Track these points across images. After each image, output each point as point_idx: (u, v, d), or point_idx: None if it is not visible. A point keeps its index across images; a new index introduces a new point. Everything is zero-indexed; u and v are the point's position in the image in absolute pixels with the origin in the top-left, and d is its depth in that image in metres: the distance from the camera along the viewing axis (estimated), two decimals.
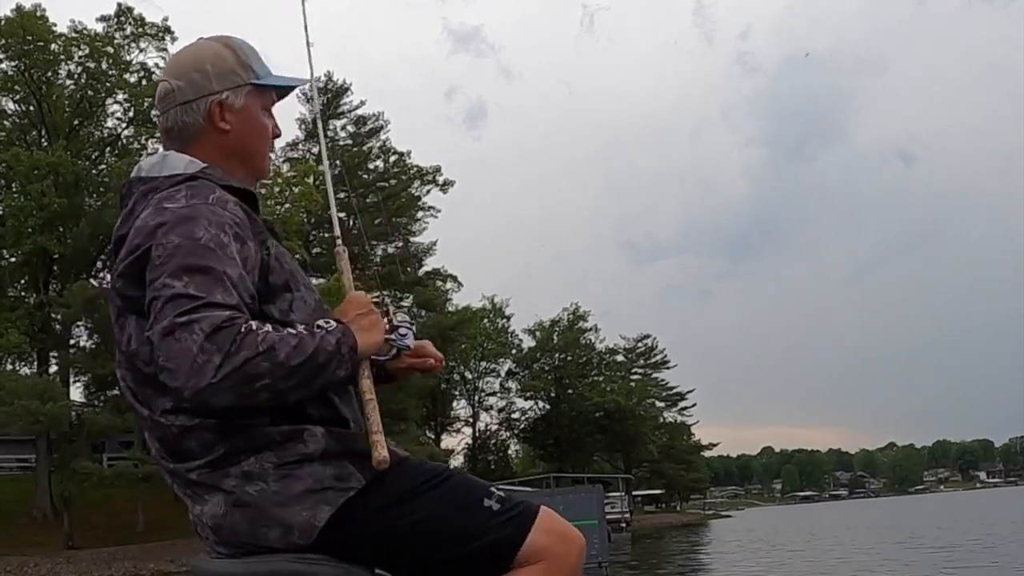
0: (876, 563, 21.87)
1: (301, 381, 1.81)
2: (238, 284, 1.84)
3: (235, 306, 1.80)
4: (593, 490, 23.79)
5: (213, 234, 1.86)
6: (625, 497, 68.41)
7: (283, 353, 1.77)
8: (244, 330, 1.75)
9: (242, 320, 1.77)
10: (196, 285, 1.79)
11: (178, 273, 1.80)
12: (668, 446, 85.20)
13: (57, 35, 45.60)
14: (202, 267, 1.81)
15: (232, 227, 1.90)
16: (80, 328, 45.24)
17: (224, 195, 1.96)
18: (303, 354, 1.80)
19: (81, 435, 41.33)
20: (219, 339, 1.73)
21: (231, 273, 1.84)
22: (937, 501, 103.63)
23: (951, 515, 50.80)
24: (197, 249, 1.83)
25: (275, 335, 1.79)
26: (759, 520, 79.21)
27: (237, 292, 1.82)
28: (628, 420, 75.22)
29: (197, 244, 1.84)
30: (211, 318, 1.74)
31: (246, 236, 1.93)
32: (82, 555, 37.40)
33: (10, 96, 46.60)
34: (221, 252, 1.85)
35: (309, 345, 1.82)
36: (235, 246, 1.88)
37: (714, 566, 27.06)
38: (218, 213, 1.91)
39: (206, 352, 1.72)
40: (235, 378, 1.73)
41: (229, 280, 1.82)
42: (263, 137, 2.16)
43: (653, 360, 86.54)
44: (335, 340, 1.86)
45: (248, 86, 2.11)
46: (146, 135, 49.49)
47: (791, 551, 28.89)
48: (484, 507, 1.96)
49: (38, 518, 42.19)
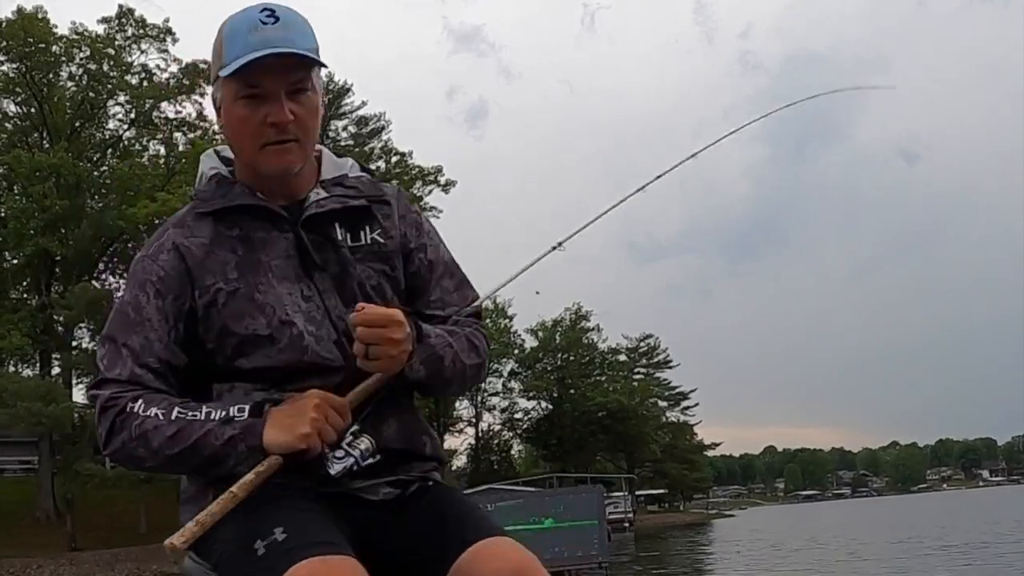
0: (879, 562, 21.85)
1: (190, 468, 1.83)
2: (140, 353, 1.86)
3: (126, 381, 1.85)
4: (593, 490, 23.75)
5: (132, 296, 1.92)
6: (628, 497, 68.37)
7: (156, 442, 1.78)
8: (126, 411, 1.81)
9: (125, 400, 1.82)
10: (104, 356, 1.90)
11: (101, 340, 1.94)
12: (671, 446, 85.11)
13: (58, 37, 45.60)
14: (111, 336, 1.90)
15: (154, 284, 1.90)
16: (82, 330, 45.29)
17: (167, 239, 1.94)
18: (180, 445, 1.78)
19: (84, 437, 41.28)
20: (104, 419, 1.84)
21: (132, 343, 1.87)
22: (940, 500, 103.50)
23: (954, 514, 50.74)
24: (116, 315, 1.93)
25: (152, 422, 1.78)
26: (762, 520, 79.18)
27: (137, 361, 1.86)
28: (631, 420, 75.16)
29: (118, 309, 1.93)
30: (101, 397, 1.84)
31: (169, 290, 1.90)
32: (85, 556, 37.40)
33: (11, 98, 46.61)
34: (134, 315, 1.89)
35: (189, 436, 1.78)
36: (155, 303, 1.89)
37: (716, 566, 27.03)
38: (145, 269, 1.93)
39: (101, 427, 1.85)
40: (121, 456, 1.84)
41: (129, 351, 1.86)
42: (243, 131, 1.92)
43: (655, 360, 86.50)
44: (228, 436, 1.76)
45: (218, 79, 1.95)
46: (147, 136, 49.60)
47: (793, 550, 28.87)
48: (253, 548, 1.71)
49: (41, 519, 42.22)
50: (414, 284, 2.07)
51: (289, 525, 1.73)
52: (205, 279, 1.90)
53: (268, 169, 1.93)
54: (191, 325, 1.90)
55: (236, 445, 1.76)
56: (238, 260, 1.92)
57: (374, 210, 2.04)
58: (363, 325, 1.78)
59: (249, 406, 1.80)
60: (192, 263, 1.91)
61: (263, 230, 1.95)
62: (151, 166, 47.46)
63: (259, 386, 1.89)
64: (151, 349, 1.87)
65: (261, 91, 1.88)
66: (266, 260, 1.92)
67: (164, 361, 1.88)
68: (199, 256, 1.91)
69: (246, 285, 1.90)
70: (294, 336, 1.87)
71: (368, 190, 2.06)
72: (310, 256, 1.95)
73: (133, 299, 1.90)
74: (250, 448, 1.76)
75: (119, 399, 1.82)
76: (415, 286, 2.07)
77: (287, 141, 1.91)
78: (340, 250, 1.98)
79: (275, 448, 1.75)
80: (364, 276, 1.97)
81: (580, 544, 19.39)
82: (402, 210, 2.09)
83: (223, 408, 1.80)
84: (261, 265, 1.92)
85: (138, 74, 47.73)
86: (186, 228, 1.95)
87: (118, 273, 49.02)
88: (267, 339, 1.87)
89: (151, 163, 48.17)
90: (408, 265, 2.06)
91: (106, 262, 48.62)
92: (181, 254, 1.92)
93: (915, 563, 20.56)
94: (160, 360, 1.87)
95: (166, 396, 1.85)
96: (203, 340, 1.90)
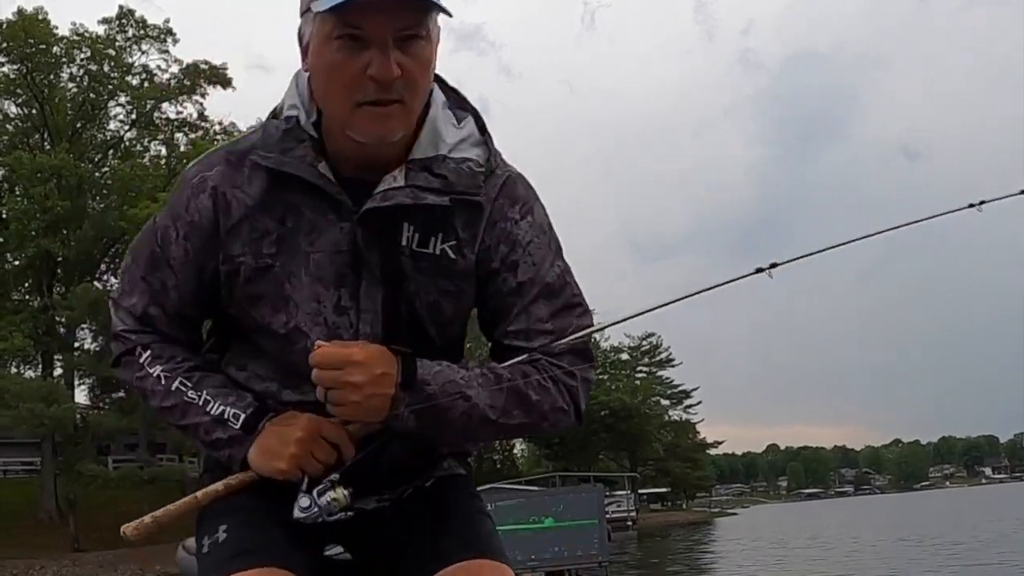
0: (884, 560, 21.83)
1: (178, 429, 1.78)
2: (157, 293, 1.75)
3: (137, 318, 1.77)
4: (593, 490, 23.75)
5: (165, 223, 1.73)
6: (631, 495, 68.37)
7: (151, 402, 1.75)
8: (134, 354, 1.77)
9: (133, 343, 1.77)
10: (124, 274, 1.81)
11: (130, 251, 1.83)
12: (673, 444, 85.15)
13: (59, 38, 45.56)
14: (136, 259, 1.79)
15: (187, 224, 1.68)
16: (84, 331, 45.27)
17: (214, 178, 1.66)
18: (171, 417, 1.74)
19: (86, 437, 41.38)
20: (114, 345, 1.82)
21: (152, 280, 1.75)
22: (943, 497, 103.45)
23: (958, 512, 50.69)
24: (147, 235, 1.78)
25: (151, 383, 1.74)
26: (765, 518, 79.15)
27: (153, 300, 1.75)
28: (633, 419, 75.16)
29: (150, 229, 1.77)
30: (113, 323, 1.80)
31: (197, 238, 1.68)
32: (88, 557, 37.40)
33: (12, 99, 46.55)
34: (160, 249, 1.73)
35: (182, 415, 1.72)
36: (182, 245, 1.70)
37: (717, 565, 27.02)
38: (184, 200, 1.69)
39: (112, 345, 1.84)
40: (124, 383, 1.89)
41: (147, 286, 1.76)
42: (334, 81, 1.54)
43: (658, 358, 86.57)
44: (215, 438, 1.69)
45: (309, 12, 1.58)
46: (149, 137, 49.58)
47: (796, 549, 28.84)
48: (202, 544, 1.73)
49: (44, 521, 42.19)
50: (496, 307, 1.70)
51: (232, 525, 1.68)
52: (234, 246, 1.65)
53: (360, 134, 1.56)
54: (212, 282, 1.71)
55: (221, 448, 1.69)
56: (279, 236, 1.63)
57: (455, 213, 1.64)
58: (316, 367, 1.55)
59: (245, 415, 1.67)
60: (225, 222, 1.65)
61: (317, 211, 1.62)
62: (152, 167, 47.42)
63: (267, 373, 1.74)
64: (167, 294, 1.74)
65: (362, 34, 1.50)
66: (308, 250, 1.63)
67: (176, 312, 1.76)
68: (236, 217, 1.64)
69: (277, 271, 1.64)
70: (305, 350, 1.60)
71: (461, 184, 1.63)
72: (361, 258, 1.62)
73: (164, 228, 1.72)
74: (232, 458, 1.68)
75: (128, 338, 1.78)
76: (497, 309, 1.70)
77: (389, 102, 1.54)
78: (400, 257, 1.64)
79: (255, 468, 1.66)
80: (421, 291, 1.65)
81: (580, 543, 19.36)
82: (496, 215, 1.67)
83: (222, 403, 1.69)
84: (300, 254, 1.63)
85: (139, 75, 47.67)
86: (239, 174, 1.65)
87: (120, 274, 49.00)
88: (280, 338, 1.67)
89: (152, 164, 48.13)
90: (489, 286, 1.69)
91: (108, 263, 48.54)
92: (218, 205, 1.65)
93: (920, 562, 20.53)
94: (174, 307, 1.75)
95: (174, 352, 1.76)
96: (224, 300, 1.73)
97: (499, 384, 1.62)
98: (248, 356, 1.77)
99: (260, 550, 1.63)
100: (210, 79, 46.71)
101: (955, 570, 18.31)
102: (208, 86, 47.03)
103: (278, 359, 1.71)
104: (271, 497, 1.68)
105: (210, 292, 1.73)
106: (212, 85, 46.73)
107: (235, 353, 1.79)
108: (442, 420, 1.59)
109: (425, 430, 1.61)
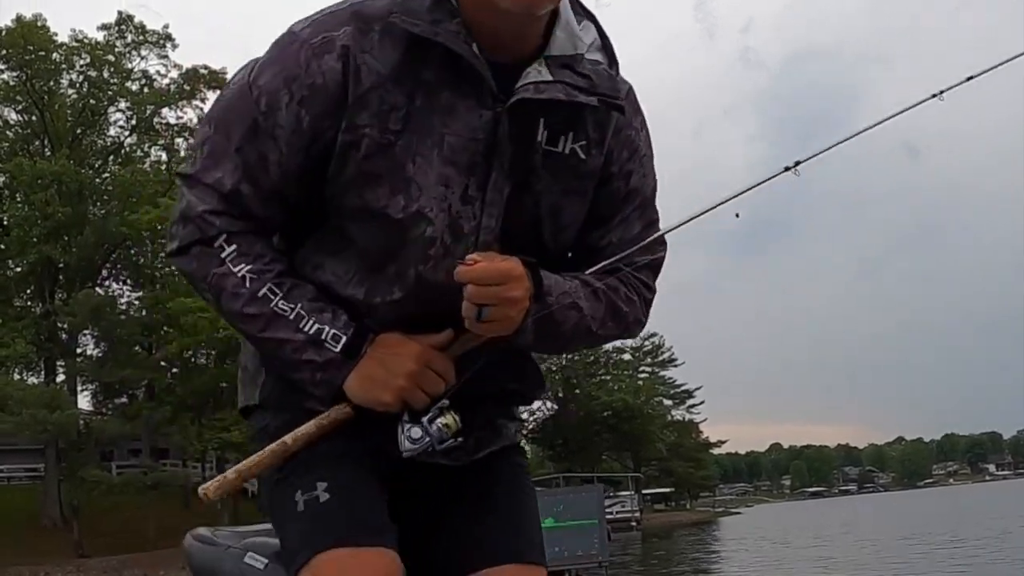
0: (892, 559, 21.80)
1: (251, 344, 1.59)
2: (253, 168, 1.51)
3: (224, 195, 1.52)
4: (593, 490, 23.80)
5: (273, 84, 1.50)
6: (635, 496, 68.34)
7: (227, 305, 1.53)
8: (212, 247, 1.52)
9: (214, 230, 1.52)
10: (207, 143, 1.54)
11: (212, 119, 1.56)
12: (676, 444, 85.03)
13: (58, 44, 45.68)
14: (227, 124, 1.53)
15: (305, 87, 1.48)
16: (86, 336, 45.33)
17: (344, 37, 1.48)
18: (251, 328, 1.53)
19: (89, 443, 41.39)
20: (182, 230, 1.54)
21: (248, 152, 1.51)
22: (947, 495, 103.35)
23: (962, 509, 50.65)
24: (241, 98, 1.53)
25: (233, 284, 1.51)
26: (769, 517, 79.10)
27: (246, 176, 1.52)
28: (636, 419, 75.09)
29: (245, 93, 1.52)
30: (189, 203, 1.53)
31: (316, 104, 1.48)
32: (92, 563, 37.41)
33: (12, 106, 46.64)
34: (263, 118, 1.50)
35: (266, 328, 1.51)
36: (294, 111, 1.49)
37: (721, 566, 26.98)
38: (302, 59, 1.49)
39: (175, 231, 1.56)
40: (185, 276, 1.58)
41: (242, 159, 1.51)
42: None
43: (660, 358, 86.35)
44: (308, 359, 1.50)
45: None
46: (149, 142, 49.65)
47: (799, 548, 28.81)
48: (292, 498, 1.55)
49: (48, 527, 42.19)
50: (596, 213, 1.65)
51: (334, 483, 1.52)
52: (359, 116, 1.48)
53: (507, 2, 1.45)
54: (321, 156, 1.52)
55: (312, 374, 1.50)
56: (410, 112, 1.49)
57: (589, 114, 1.58)
58: (475, 283, 1.44)
59: (347, 337, 1.50)
60: (354, 89, 1.48)
61: (457, 92, 1.50)
62: (153, 172, 47.54)
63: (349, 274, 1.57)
64: (265, 169, 1.52)
65: None
66: (443, 131, 1.50)
67: (271, 192, 1.54)
68: (367, 85, 1.48)
69: (403, 148, 1.49)
70: (423, 239, 1.51)
71: (603, 87, 1.56)
72: (497, 148, 1.52)
73: (272, 91, 1.50)
74: (326, 386, 1.51)
75: (211, 221, 1.52)
76: (597, 215, 1.65)
77: None
78: (533, 155, 1.55)
79: (352, 399, 1.51)
80: (546, 191, 1.57)
81: (580, 544, 19.39)
82: (622, 122, 1.64)
83: (318, 320, 1.50)
84: (434, 132, 1.49)
85: (138, 80, 47.82)
86: (370, 37, 1.49)
87: (121, 279, 49.12)
88: (393, 224, 1.50)
89: (153, 169, 48.25)
90: (600, 190, 1.64)
91: (109, 269, 48.60)
92: (347, 69, 1.48)
93: (926, 560, 20.50)
94: (270, 185, 1.53)
95: (263, 250, 1.54)
96: (327, 180, 1.53)
97: (599, 296, 1.61)
98: (328, 253, 1.59)
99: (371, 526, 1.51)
100: (210, 84, 46.74)
101: (961, 570, 18.28)
102: (208, 91, 47.07)
103: (374, 254, 1.55)
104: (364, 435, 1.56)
105: (314, 169, 1.53)
106: (212, 89, 46.71)
107: (312, 250, 1.61)
108: (555, 332, 1.57)
109: (539, 342, 1.58)
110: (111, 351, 43.59)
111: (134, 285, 48.94)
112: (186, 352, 42.26)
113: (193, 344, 40.18)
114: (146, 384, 45.52)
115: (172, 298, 43.05)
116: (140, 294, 47.86)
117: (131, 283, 49.07)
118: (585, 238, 1.66)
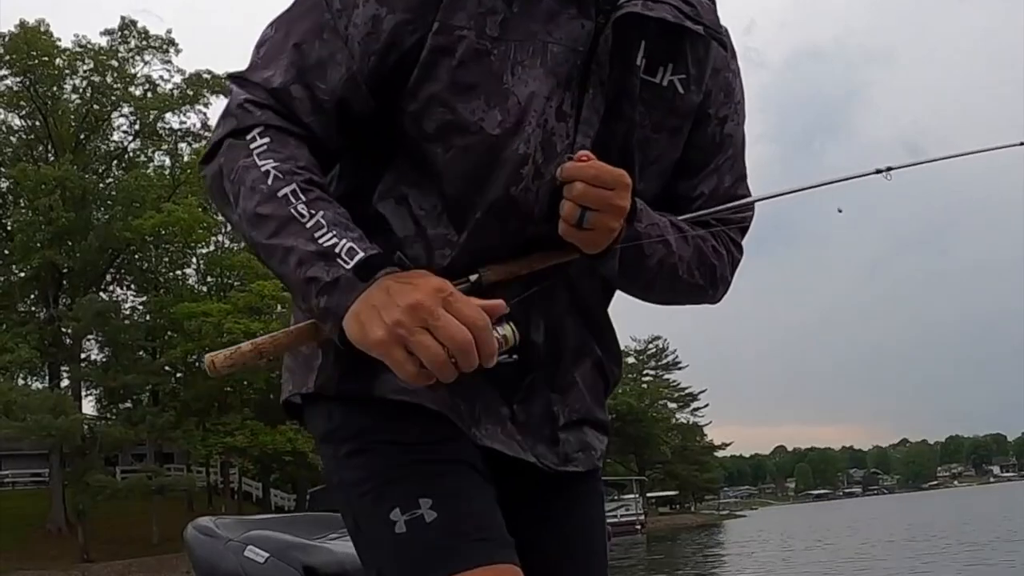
0: (897, 560, 21.76)
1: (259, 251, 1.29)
2: (312, 69, 1.33)
3: (271, 91, 1.32)
4: None
5: None
6: (639, 499, 68.27)
7: (241, 203, 1.28)
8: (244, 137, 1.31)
9: (251, 119, 1.31)
10: (266, 43, 1.36)
11: (277, 21, 1.39)
12: (681, 447, 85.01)
13: (61, 50, 45.77)
14: (289, 22, 1.36)
15: None
16: (90, 341, 45.33)
17: None
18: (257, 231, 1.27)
19: (94, 448, 41.39)
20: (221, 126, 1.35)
21: (308, 51, 1.33)
22: (951, 497, 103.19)
23: (967, 511, 50.55)
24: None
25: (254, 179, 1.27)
26: (774, 519, 79.00)
27: (300, 78, 1.33)
28: (640, 422, 75.11)
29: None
30: (234, 96, 1.34)
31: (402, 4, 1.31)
32: (97, 568, 37.46)
33: (16, 112, 46.73)
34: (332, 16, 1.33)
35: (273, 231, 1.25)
36: (372, 8, 1.31)
37: (724, 568, 26.95)
38: None
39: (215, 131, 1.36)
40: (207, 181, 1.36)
41: (299, 56, 1.33)
42: None
43: (664, 361, 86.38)
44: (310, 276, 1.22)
45: None
46: (152, 147, 49.73)
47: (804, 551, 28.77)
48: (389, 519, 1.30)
49: (53, 532, 42.23)
50: (687, 159, 1.51)
51: (440, 498, 1.30)
52: (455, 17, 1.31)
53: None
54: (404, 65, 1.33)
55: (313, 293, 1.22)
56: (507, 18, 1.33)
57: (687, 46, 1.44)
58: (587, 182, 1.27)
59: (364, 255, 1.21)
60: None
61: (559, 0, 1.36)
62: (156, 177, 47.64)
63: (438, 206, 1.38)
64: (324, 71, 1.33)
65: None
66: (547, 40, 1.34)
67: (328, 100, 1.34)
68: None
69: (501, 55, 1.32)
70: (516, 157, 1.33)
71: (708, 18, 1.44)
72: (597, 63, 1.37)
73: None
74: (326, 311, 1.21)
75: (251, 111, 1.32)
76: (687, 162, 1.51)
77: None
78: (632, 78, 1.40)
79: (348, 334, 1.20)
80: (639, 120, 1.42)
81: None
82: (720, 62, 1.51)
83: (337, 234, 1.23)
84: (535, 41, 1.34)
85: (142, 85, 47.87)
86: None
87: (125, 284, 49.20)
88: (486, 141, 1.32)
89: (156, 174, 48.35)
90: (694, 133, 1.49)
91: (113, 274, 48.66)
92: None
93: (932, 561, 20.47)
94: (329, 91, 1.33)
95: (299, 153, 1.31)
96: (407, 93, 1.34)
97: (687, 241, 1.47)
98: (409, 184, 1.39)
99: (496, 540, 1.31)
100: (213, 88, 46.80)
101: (966, 569, 18.24)
102: (211, 95, 47.15)
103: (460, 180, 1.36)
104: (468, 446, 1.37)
105: (389, 79, 1.34)
106: (215, 94, 46.81)
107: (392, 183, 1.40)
108: (639, 265, 1.41)
109: (623, 272, 1.40)
110: (115, 356, 43.62)
111: (138, 290, 49.02)
112: (190, 357, 42.26)
113: (197, 348, 40.17)
114: (150, 389, 45.56)
115: (176, 303, 43.17)
116: (144, 299, 47.91)
117: (135, 288, 49.15)
118: (673, 188, 1.51)
